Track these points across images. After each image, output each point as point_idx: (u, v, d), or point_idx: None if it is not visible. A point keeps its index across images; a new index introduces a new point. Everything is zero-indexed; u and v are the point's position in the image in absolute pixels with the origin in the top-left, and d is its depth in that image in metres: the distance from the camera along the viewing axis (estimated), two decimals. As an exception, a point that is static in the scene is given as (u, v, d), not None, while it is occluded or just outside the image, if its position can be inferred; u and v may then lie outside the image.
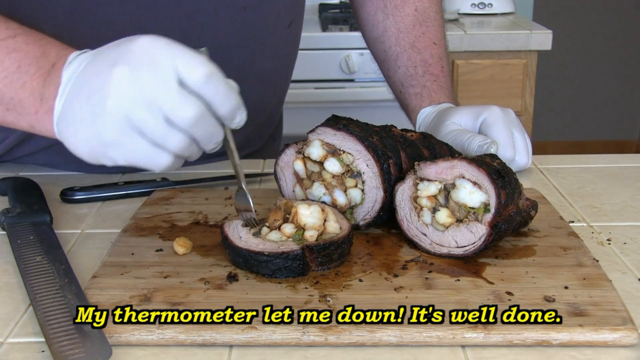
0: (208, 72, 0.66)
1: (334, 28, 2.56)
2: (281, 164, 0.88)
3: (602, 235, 0.86)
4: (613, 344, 0.63)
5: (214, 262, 0.77)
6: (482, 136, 0.99)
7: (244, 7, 1.07)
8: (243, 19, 1.08)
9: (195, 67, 0.66)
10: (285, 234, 0.76)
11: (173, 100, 0.65)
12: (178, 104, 0.65)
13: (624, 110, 4.27)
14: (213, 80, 0.67)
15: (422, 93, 1.15)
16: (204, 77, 0.66)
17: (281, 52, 1.18)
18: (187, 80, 0.65)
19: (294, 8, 1.17)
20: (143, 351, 0.63)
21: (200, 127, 0.67)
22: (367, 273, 0.74)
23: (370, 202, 0.83)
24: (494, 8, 2.86)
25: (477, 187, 0.76)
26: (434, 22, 1.21)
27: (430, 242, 0.79)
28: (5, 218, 0.86)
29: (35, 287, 0.71)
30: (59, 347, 0.61)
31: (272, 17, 1.12)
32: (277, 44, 1.15)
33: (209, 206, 0.93)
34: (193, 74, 0.65)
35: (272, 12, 1.11)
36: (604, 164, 1.12)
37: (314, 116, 1.36)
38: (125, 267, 0.76)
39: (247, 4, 1.07)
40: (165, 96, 0.65)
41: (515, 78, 2.52)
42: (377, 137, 0.84)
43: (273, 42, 1.14)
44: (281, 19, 1.14)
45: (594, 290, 0.70)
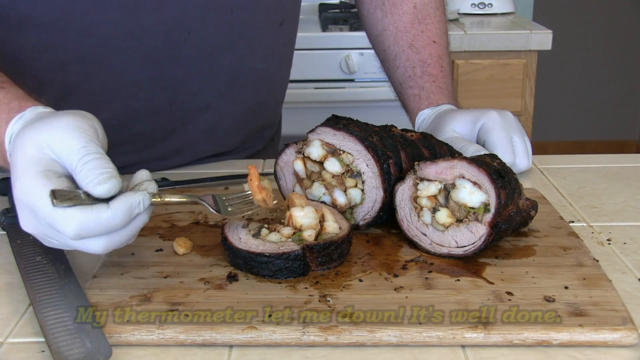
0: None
1: (334, 28, 2.56)
2: (281, 164, 0.88)
3: (602, 235, 0.86)
4: (613, 344, 0.63)
5: (214, 262, 0.77)
6: (477, 146, 0.99)
7: (231, 9, 1.05)
8: (231, 21, 1.06)
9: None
10: (284, 235, 0.76)
11: (50, 222, 0.66)
12: (56, 225, 0.66)
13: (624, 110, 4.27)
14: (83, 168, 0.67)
15: (420, 95, 1.14)
16: None
17: (273, 52, 1.17)
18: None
19: (285, 7, 1.15)
20: (143, 351, 0.63)
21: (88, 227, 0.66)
22: (367, 273, 0.74)
23: (370, 202, 0.83)
24: (494, 8, 2.86)
25: (477, 187, 0.76)
26: (434, 19, 1.19)
27: (430, 242, 0.79)
28: (5, 218, 0.86)
29: (35, 287, 0.71)
30: (59, 347, 0.61)
31: (261, 17, 1.10)
32: (267, 44, 1.14)
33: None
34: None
35: (260, 13, 1.10)
36: (604, 164, 1.12)
37: (314, 116, 1.36)
38: (125, 267, 0.76)
39: (235, 5, 1.06)
40: (44, 218, 0.66)
41: (515, 78, 2.52)
42: (377, 137, 0.83)
43: (263, 42, 1.13)
44: (271, 19, 1.13)
45: (594, 290, 0.70)
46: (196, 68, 1.07)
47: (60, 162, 0.68)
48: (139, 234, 0.70)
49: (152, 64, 1.04)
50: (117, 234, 0.68)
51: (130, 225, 0.69)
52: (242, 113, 1.17)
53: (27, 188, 0.66)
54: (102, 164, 0.67)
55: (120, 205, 0.66)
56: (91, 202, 0.66)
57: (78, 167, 0.67)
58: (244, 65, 1.12)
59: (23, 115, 0.74)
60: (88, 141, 0.68)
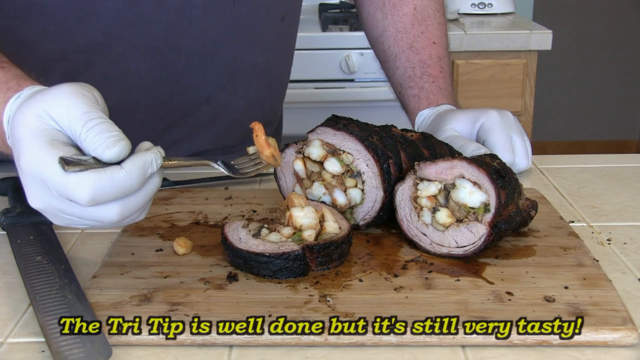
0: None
1: (334, 28, 2.56)
2: (281, 164, 0.88)
3: (602, 235, 0.86)
4: (613, 344, 0.63)
5: (214, 262, 0.77)
6: (477, 144, 0.99)
7: (233, 0, 1.06)
8: (233, 13, 1.07)
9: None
10: (284, 235, 0.76)
11: (62, 190, 0.64)
12: (69, 192, 0.64)
13: (624, 111, 4.27)
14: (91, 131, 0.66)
15: (420, 95, 1.14)
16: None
17: (274, 47, 1.17)
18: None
19: (286, 2, 1.16)
20: (143, 351, 0.63)
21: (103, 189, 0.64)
22: (367, 273, 0.74)
23: (370, 202, 0.83)
24: (494, 8, 2.86)
25: (477, 187, 0.76)
26: (434, 20, 1.20)
27: (430, 242, 0.79)
28: (5, 218, 0.86)
29: (35, 287, 0.71)
30: (59, 347, 0.61)
31: (262, 11, 1.11)
32: (269, 39, 1.15)
33: (209, 206, 0.93)
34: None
35: (262, 6, 1.11)
36: (604, 164, 1.12)
37: (314, 116, 1.36)
38: (125, 267, 0.76)
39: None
40: (56, 187, 0.64)
41: (515, 78, 2.52)
42: (377, 137, 0.83)
43: (264, 36, 1.13)
44: (272, 13, 1.13)
45: (594, 290, 0.70)
46: (197, 59, 1.08)
47: (63, 131, 0.66)
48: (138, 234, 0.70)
49: (153, 54, 1.04)
50: (133, 198, 0.66)
51: (144, 188, 0.67)
52: (241, 107, 1.17)
53: (34, 158, 0.64)
54: (108, 127, 0.65)
55: (133, 165, 0.65)
56: (102, 166, 0.64)
57: (82, 133, 0.65)
58: (244, 59, 1.12)
59: (21, 95, 0.72)
60: (89, 107, 0.66)
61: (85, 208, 0.65)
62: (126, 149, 0.65)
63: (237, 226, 0.78)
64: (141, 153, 0.66)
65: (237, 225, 0.78)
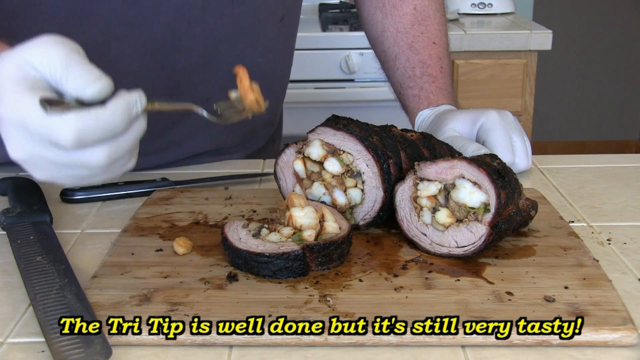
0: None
1: (334, 28, 2.56)
2: (281, 164, 0.88)
3: (602, 235, 0.86)
4: (613, 344, 0.63)
5: (214, 262, 0.77)
6: (477, 144, 0.99)
7: (232, 1, 1.06)
8: (232, 13, 1.07)
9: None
10: (284, 235, 0.76)
11: (45, 132, 0.61)
12: (52, 134, 0.61)
13: (624, 110, 4.27)
14: (71, 74, 0.63)
15: (419, 95, 1.15)
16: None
17: (273, 48, 1.17)
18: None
19: (286, 2, 1.16)
20: (143, 351, 0.63)
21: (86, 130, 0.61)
22: (367, 273, 0.74)
23: (370, 202, 0.83)
24: (494, 8, 2.86)
25: (477, 187, 0.76)
26: (434, 20, 1.20)
27: (430, 242, 0.79)
28: (5, 218, 0.86)
29: (35, 287, 0.71)
30: (59, 347, 0.61)
31: (262, 11, 1.11)
32: (268, 39, 1.15)
33: (209, 206, 0.93)
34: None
35: (262, 6, 1.11)
36: (604, 164, 1.12)
37: (314, 116, 1.36)
38: (125, 267, 0.76)
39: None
40: (38, 130, 0.61)
41: (515, 78, 2.52)
42: (377, 137, 0.84)
43: (264, 36, 1.13)
44: (272, 13, 1.13)
45: (594, 290, 0.70)
46: (196, 60, 1.08)
47: (43, 79, 0.64)
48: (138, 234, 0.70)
49: (153, 54, 1.04)
50: (120, 140, 0.64)
51: (131, 130, 0.65)
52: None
53: (14, 103, 0.62)
54: (89, 68, 0.64)
55: (117, 104, 0.63)
56: (86, 107, 0.62)
57: (63, 75, 0.63)
58: (244, 59, 1.12)
59: None
60: (70, 51, 0.65)
61: (70, 152, 0.62)
62: (108, 87, 0.63)
63: (237, 226, 0.78)
64: (124, 93, 0.64)
65: (237, 225, 0.78)
